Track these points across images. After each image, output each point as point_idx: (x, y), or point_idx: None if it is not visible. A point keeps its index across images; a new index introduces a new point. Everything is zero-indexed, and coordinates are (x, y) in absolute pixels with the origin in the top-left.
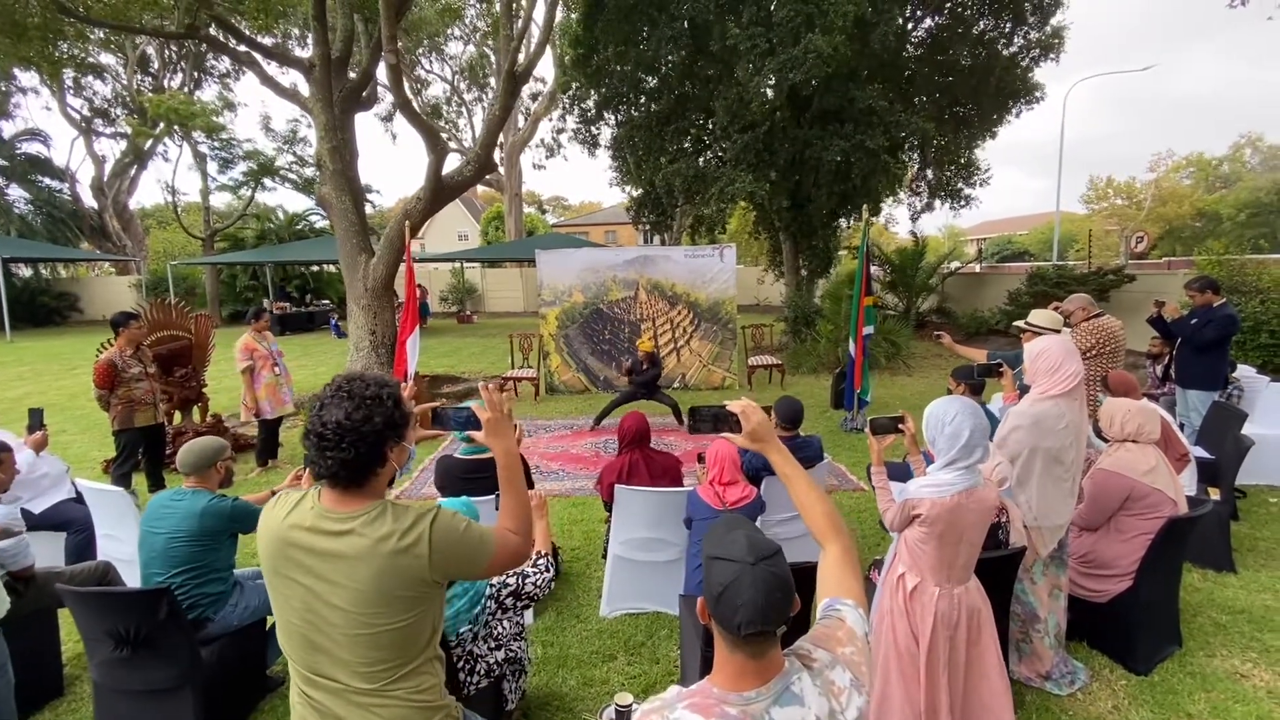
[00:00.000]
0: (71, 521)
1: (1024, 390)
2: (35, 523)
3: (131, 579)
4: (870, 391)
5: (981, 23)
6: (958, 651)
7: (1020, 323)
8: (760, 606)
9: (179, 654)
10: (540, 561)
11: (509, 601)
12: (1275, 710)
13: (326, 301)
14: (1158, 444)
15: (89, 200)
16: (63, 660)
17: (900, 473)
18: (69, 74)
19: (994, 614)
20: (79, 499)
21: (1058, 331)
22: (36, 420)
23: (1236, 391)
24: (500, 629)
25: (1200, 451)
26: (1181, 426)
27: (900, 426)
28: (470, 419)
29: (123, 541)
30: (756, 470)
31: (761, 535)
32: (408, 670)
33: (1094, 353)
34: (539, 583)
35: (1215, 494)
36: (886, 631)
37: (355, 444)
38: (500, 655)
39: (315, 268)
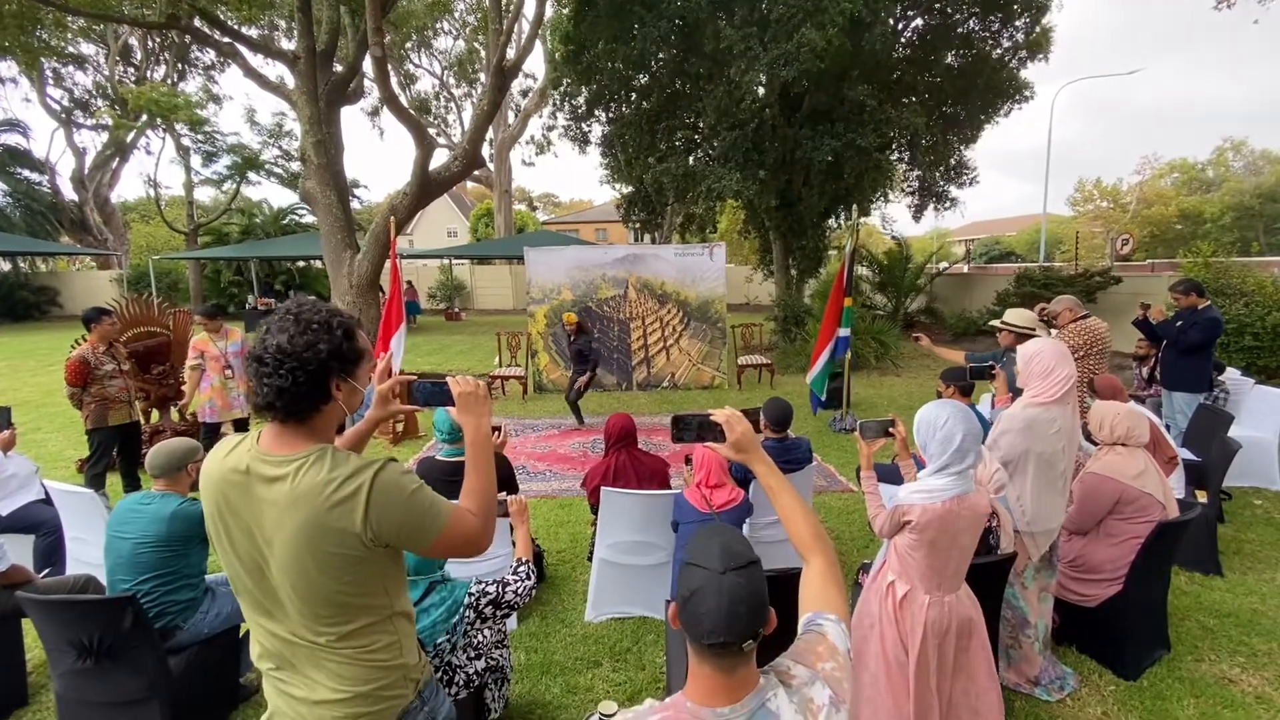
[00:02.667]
0: (40, 524)
1: (1017, 393)
2: (3, 525)
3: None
4: (824, 388)
5: (970, 23)
6: (946, 659)
7: (996, 322)
8: (723, 617)
9: (146, 664)
10: (521, 569)
11: (488, 611)
12: (1264, 716)
13: (312, 298)
14: (1147, 447)
15: (69, 193)
16: (27, 668)
17: (889, 473)
18: (48, 64)
19: (984, 619)
20: (48, 500)
21: (1033, 330)
22: (4, 419)
23: (1222, 394)
24: (480, 638)
25: (1187, 454)
26: (1167, 428)
27: (891, 430)
28: (445, 392)
29: (92, 545)
30: (745, 473)
31: (742, 545)
32: (358, 627)
33: (1080, 354)
34: (520, 591)
35: (1203, 496)
36: (875, 640)
37: (294, 371)
38: (481, 665)
39: (301, 263)
